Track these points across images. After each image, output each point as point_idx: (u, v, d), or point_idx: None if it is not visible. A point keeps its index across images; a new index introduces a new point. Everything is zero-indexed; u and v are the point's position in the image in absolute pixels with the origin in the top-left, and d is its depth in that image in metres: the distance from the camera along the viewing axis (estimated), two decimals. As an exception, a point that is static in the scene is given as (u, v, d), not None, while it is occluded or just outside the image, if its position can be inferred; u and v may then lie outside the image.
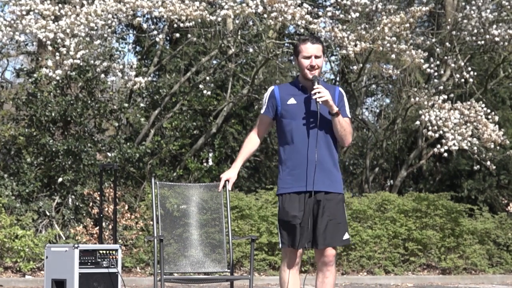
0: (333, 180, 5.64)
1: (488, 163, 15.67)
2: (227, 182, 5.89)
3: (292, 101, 5.65)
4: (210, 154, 18.07)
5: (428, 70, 15.22)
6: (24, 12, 13.25)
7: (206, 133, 17.03)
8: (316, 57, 5.65)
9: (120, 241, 13.34)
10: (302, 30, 14.36)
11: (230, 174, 5.89)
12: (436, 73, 16.42)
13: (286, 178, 5.64)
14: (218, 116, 17.14)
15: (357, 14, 14.51)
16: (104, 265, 7.96)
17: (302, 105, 5.62)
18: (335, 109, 5.59)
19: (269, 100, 5.72)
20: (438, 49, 16.57)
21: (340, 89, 5.81)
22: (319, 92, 5.55)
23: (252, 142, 5.87)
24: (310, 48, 5.64)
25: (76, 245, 7.87)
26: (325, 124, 5.65)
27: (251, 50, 15.89)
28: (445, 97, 15.65)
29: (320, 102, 5.56)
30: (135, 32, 18.23)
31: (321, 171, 5.59)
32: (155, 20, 17.46)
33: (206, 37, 16.76)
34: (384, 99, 22.49)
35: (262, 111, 5.79)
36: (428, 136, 15.34)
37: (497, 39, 15.50)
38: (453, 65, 16.42)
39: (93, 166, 13.96)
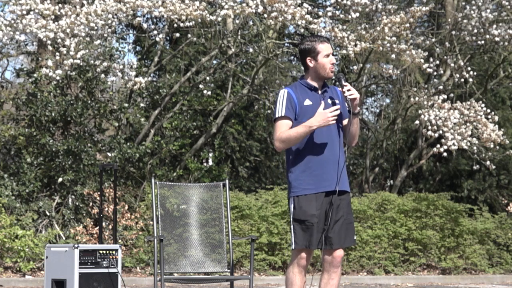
0: (346, 180, 5.65)
1: (488, 163, 15.67)
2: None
3: (308, 102, 5.58)
4: (210, 154, 18.05)
5: (428, 70, 15.22)
6: (24, 12, 13.26)
7: (206, 133, 17.02)
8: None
9: (120, 241, 13.34)
10: (302, 30, 14.35)
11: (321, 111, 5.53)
12: (436, 73, 16.42)
13: (307, 179, 5.54)
14: (218, 116, 17.13)
15: (357, 14, 14.51)
16: (104, 265, 7.96)
17: (317, 106, 5.57)
18: (358, 108, 5.61)
19: (287, 102, 5.55)
20: (438, 49, 16.57)
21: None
22: (349, 90, 5.55)
23: None
24: (328, 47, 5.62)
25: (76, 245, 7.86)
26: (340, 124, 5.67)
27: (251, 50, 15.88)
28: (445, 97, 15.64)
29: (350, 100, 5.56)
30: (135, 32, 18.23)
31: (341, 170, 5.59)
32: (155, 20, 17.47)
33: (206, 37, 16.75)
34: (384, 99, 22.48)
35: (281, 114, 5.55)
36: (428, 136, 15.33)
37: (497, 39, 15.50)
38: (453, 65, 16.41)
39: (93, 166, 13.96)
